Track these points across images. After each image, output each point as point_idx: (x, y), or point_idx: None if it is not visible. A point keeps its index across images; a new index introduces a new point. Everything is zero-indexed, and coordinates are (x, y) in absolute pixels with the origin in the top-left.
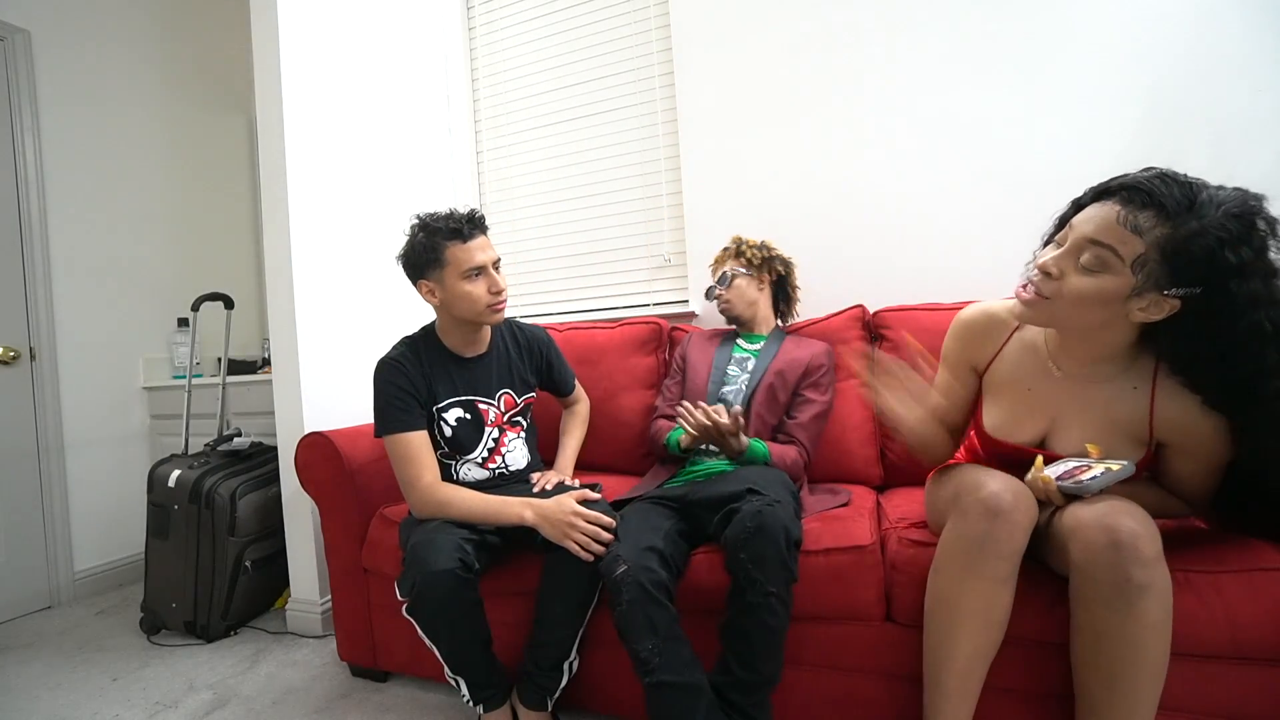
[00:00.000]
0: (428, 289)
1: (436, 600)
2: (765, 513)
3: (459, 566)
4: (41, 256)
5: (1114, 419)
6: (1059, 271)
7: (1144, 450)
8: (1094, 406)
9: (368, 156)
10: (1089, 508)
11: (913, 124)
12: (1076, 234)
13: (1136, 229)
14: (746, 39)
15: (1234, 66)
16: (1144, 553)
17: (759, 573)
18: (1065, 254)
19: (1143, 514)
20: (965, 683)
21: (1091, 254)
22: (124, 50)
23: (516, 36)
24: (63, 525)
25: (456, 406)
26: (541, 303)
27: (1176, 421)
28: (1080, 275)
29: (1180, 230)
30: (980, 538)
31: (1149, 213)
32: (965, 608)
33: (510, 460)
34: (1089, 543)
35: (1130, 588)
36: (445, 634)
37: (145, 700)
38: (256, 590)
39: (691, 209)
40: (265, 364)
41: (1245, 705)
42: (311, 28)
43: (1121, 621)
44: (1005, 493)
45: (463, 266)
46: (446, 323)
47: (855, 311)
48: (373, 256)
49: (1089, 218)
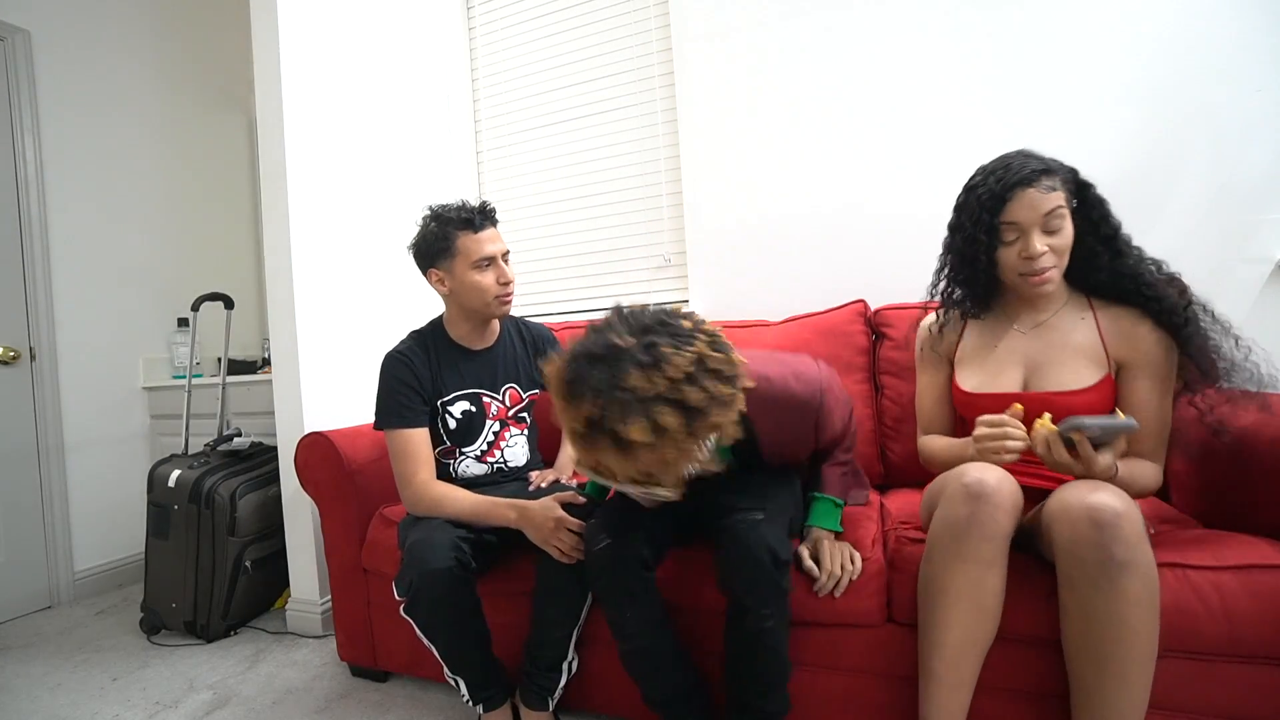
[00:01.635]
0: (437, 278)
1: (434, 599)
2: (748, 536)
3: (455, 565)
4: (41, 256)
5: (1076, 347)
6: (1045, 246)
7: (1106, 371)
8: (1057, 343)
9: (368, 156)
10: (1072, 489)
11: (913, 123)
12: (1028, 220)
13: (1053, 187)
14: (747, 39)
15: (1234, 66)
16: (1125, 531)
17: (751, 600)
18: (1036, 237)
19: (1124, 494)
20: (956, 670)
21: (1053, 219)
22: (124, 50)
23: (516, 36)
24: (63, 525)
25: (462, 400)
26: (541, 302)
27: (1123, 333)
28: (1054, 236)
29: (1063, 172)
30: (965, 521)
31: (1050, 176)
32: (953, 592)
33: (510, 456)
34: (1072, 523)
35: (1113, 565)
36: (443, 633)
37: (145, 700)
38: (256, 590)
39: (691, 209)
40: (265, 364)
41: (1244, 704)
42: (311, 28)
43: (1106, 600)
44: (988, 477)
45: (473, 256)
46: (455, 314)
47: (857, 306)
48: (373, 256)
49: (1029, 205)
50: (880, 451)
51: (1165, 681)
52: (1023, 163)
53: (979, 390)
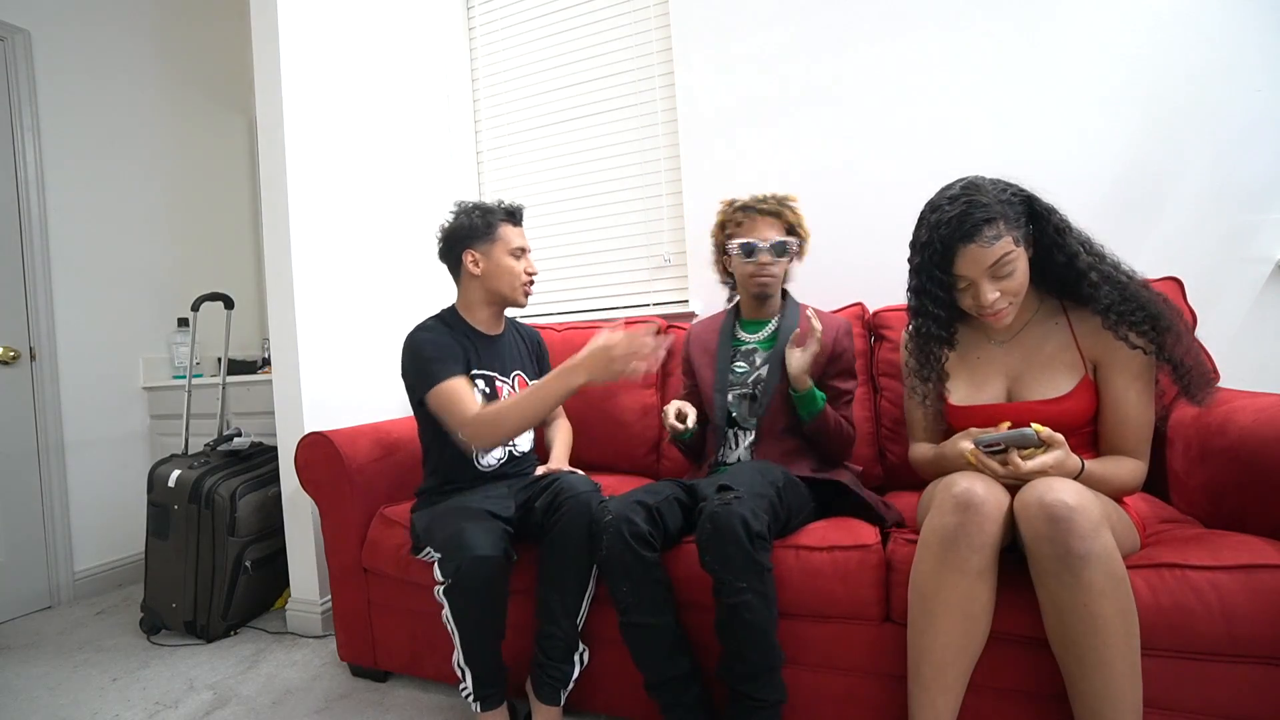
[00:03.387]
0: (473, 258)
1: (476, 585)
2: (720, 512)
3: (502, 555)
4: (41, 256)
5: (1053, 353)
6: (996, 292)
7: (1083, 373)
8: (1034, 353)
9: (368, 156)
10: (1030, 488)
11: (912, 123)
12: (976, 274)
13: (997, 236)
14: (746, 39)
15: (1234, 66)
16: (1079, 524)
17: (727, 573)
18: (985, 287)
19: (1079, 488)
20: (942, 675)
21: (1001, 268)
22: (124, 50)
23: (516, 36)
24: (63, 525)
25: (480, 379)
26: (541, 302)
27: (1095, 333)
28: (1005, 280)
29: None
30: (953, 530)
31: (993, 225)
32: (940, 600)
33: (519, 440)
34: (1030, 520)
35: (1073, 559)
36: (473, 619)
37: (145, 700)
38: (256, 590)
39: (691, 209)
40: (265, 364)
41: (1243, 704)
42: (311, 28)
43: (1071, 594)
44: (976, 487)
45: (512, 244)
46: (478, 298)
47: (855, 309)
48: (373, 256)
49: (973, 261)
50: (879, 453)
51: (1164, 681)
52: (964, 213)
53: (965, 404)
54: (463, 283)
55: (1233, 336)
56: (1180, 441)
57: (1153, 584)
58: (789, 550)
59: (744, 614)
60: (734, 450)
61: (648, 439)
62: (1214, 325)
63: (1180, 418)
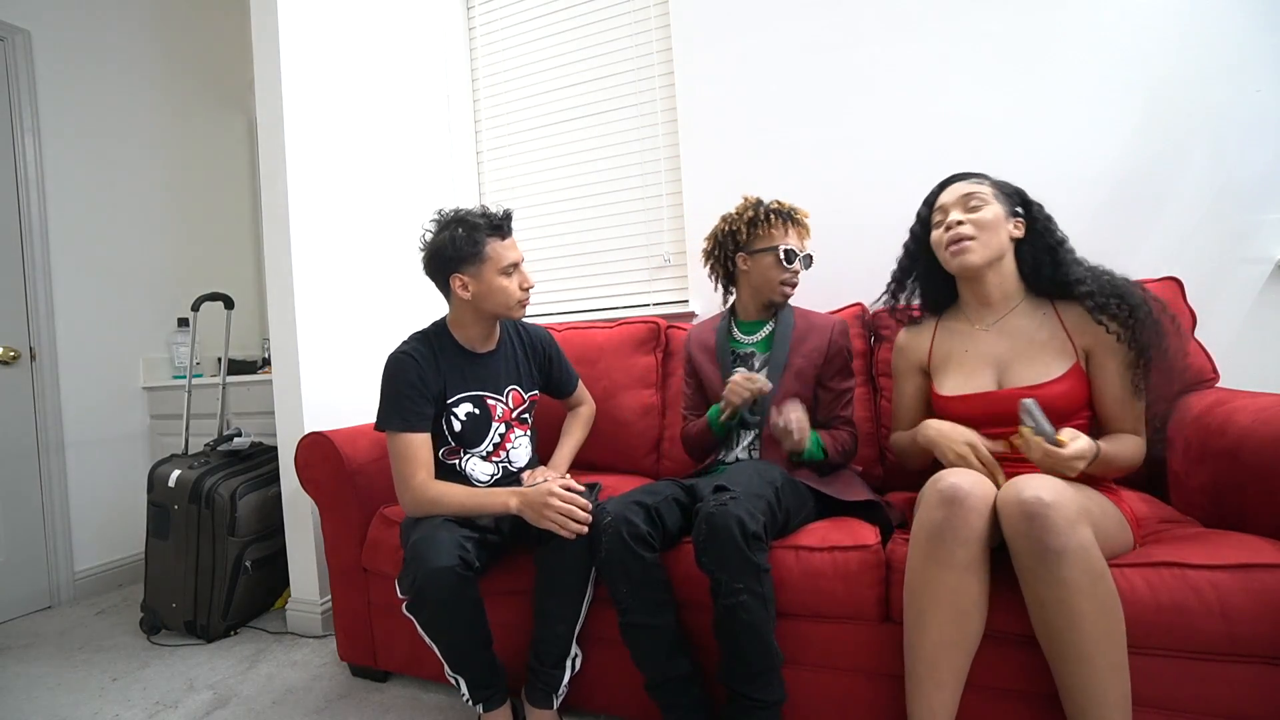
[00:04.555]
0: (461, 283)
1: (437, 598)
2: (716, 513)
3: (459, 564)
4: (41, 256)
5: (1043, 342)
6: (964, 219)
7: (1074, 359)
8: (1022, 340)
9: (368, 156)
10: (1009, 486)
11: (912, 123)
12: (950, 201)
13: (979, 183)
14: (746, 39)
15: (1234, 66)
16: (1054, 520)
17: (723, 574)
18: (955, 214)
19: (1057, 484)
20: (936, 671)
21: (971, 200)
22: (124, 50)
23: (516, 36)
24: (63, 525)
25: (467, 401)
26: (541, 302)
27: (1083, 320)
28: (974, 213)
29: (1002, 184)
30: (939, 525)
31: (980, 181)
32: (929, 595)
33: (515, 457)
34: (1008, 518)
35: (1049, 555)
36: (445, 632)
37: (145, 700)
38: (256, 590)
39: (691, 209)
40: (265, 364)
41: (1242, 704)
42: (311, 27)
43: (1050, 590)
44: (962, 482)
45: (502, 262)
46: (468, 317)
47: (855, 310)
48: (373, 256)
49: (951, 192)
50: (879, 453)
51: (1163, 680)
52: (958, 173)
53: (956, 393)
54: (453, 302)
55: (1233, 336)
56: (1180, 441)
57: (1152, 583)
58: (789, 550)
59: (740, 615)
60: (734, 450)
61: (648, 439)
62: (1214, 325)
63: (1180, 418)
